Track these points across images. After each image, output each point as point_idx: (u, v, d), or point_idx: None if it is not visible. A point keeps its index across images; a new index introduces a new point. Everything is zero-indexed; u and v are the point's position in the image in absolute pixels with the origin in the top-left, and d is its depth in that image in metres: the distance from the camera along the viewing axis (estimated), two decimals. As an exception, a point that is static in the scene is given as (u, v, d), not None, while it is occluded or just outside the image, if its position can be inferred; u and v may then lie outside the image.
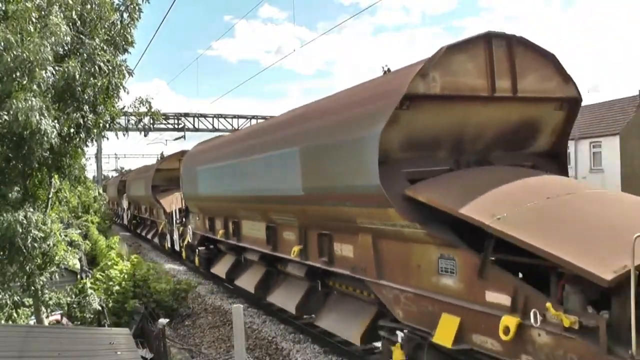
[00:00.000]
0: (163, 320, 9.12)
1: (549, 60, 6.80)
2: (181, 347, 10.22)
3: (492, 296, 4.95)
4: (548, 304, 4.27)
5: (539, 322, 4.42)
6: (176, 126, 39.60)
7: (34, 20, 7.02)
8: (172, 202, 19.11)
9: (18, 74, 6.85)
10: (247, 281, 11.91)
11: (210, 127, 39.70)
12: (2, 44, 6.75)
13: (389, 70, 8.25)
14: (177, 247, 18.96)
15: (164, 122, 36.07)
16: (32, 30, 6.94)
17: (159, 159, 31.88)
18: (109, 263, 14.28)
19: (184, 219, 17.79)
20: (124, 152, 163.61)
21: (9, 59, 6.68)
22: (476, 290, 5.12)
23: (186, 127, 39.61)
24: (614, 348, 3.90)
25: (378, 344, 7.83)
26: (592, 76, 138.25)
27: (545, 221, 4.80)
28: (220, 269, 13.96)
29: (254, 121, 38.20)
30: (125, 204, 32.20)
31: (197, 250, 15.73)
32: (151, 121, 9.74)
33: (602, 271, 3.88)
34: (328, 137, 7.16)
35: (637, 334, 3.72)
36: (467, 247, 5.28)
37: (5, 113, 6.91)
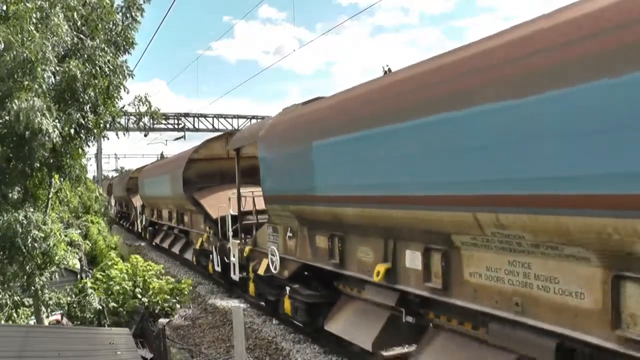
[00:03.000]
0: (163, 320, 9.02)
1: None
2: (181, 347, 10.35)
3: (206, 228, 14.88)
4: (229, 234, 14.23)
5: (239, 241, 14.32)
6: (176, 126, 39.50)
7: (35, 20, 6.99)
8: (138, 200, 29.15)
9: (19, 73, 6.81)
10: (167, 244, 21.88)
11: (210, 127, 39.42)
12: (3, 44, 6.72)
13: (389, 70, 8.77)
14: (139, 229, 29.06)
15: (164, 122, 36.61)
16: (33, 30, 6.89)
17: (159, 157, 40.40)
18: (109, 263, 14.37)
19: (142, 210, 27.87)
20: (124, 152, 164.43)
21: (9, 59, 6.65)
22: (203, 227, 15.06)
23: (186, 127, 39.42)
24: (252, 245, 13.74)
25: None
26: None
27: (216, 201, 14.69)
28: (158, 239, 23.98)
29: (254, 121, 37.96)
30: (112, 202, 42.26)
31: (148, 230, 25.88)
32: (151, 121, 9.77)
33: (215, 214, 13.82)
34: (172, 172, 17.23)
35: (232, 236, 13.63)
36: (205, 212, 15.19)
37: (6, 113, 6.89)
